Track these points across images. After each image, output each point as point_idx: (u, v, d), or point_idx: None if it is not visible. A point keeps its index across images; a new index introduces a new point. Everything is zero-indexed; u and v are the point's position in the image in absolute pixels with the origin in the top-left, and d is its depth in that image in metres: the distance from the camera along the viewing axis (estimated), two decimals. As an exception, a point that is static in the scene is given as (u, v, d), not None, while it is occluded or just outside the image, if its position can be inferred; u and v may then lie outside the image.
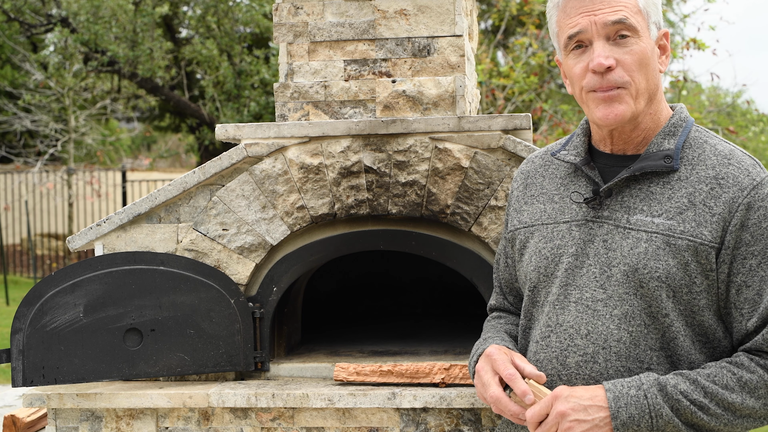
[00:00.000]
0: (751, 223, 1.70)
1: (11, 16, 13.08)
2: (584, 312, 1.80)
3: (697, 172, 1.76)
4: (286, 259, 3.22)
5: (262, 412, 3.04)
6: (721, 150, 1.78)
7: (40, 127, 14.19)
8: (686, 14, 14.88)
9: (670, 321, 1.74)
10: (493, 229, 3.10)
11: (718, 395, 1.67)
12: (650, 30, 1.81)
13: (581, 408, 1.67)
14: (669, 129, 1.82)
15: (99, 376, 3.08)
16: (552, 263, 1.87)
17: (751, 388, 1.68)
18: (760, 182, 1.73)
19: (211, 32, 12.75)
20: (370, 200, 3.17)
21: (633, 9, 1.79)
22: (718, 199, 1.71)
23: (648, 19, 1.80)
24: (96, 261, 3.11)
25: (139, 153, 24.54)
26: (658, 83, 1.83)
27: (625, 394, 1.67)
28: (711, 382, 1.68)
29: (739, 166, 1.75)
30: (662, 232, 1.73)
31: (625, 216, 1.78)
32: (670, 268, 1.72)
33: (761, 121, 12.92)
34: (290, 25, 3.42)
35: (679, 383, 1.68)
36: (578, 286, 1.82)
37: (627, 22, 1.76)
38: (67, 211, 14.46)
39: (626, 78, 1.77)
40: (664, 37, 1.85)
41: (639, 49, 1.77)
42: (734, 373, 1.69)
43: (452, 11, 3.34)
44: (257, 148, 3.19)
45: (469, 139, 3.11)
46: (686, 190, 1.74)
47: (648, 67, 1.78)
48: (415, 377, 3.01)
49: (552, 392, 1.72)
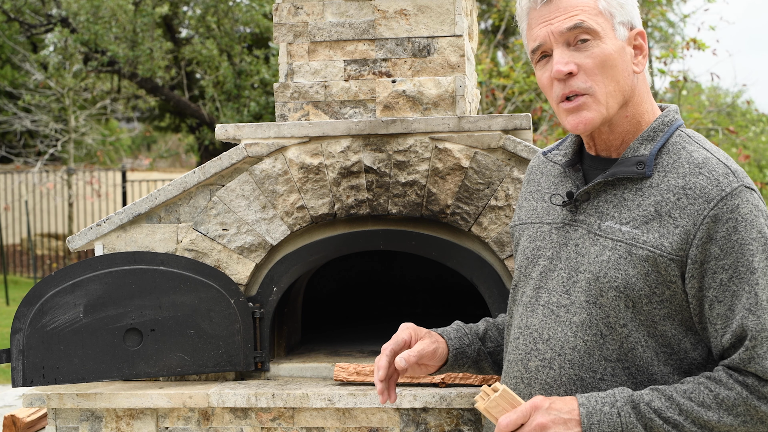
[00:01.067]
0: (720, 237, 1.63)
1: (11, 16, 13.08)
2: (549, 316, 1.79)
3: (668, 180, 1.70)
4: (286, 259, 3.22)
5: (262, 412, 3.04)
6: (696, 158, 1.70)
7: (40, 127, 14.19)
8: (686, 14, 14.89)
9: (628, 331, 1.70)
10: (493, 229, 3.10)
11: (694, 413, 1.62)
12: (616, 30, 1.74)
13: (561, 421, 1.65)
14: (648, 133, 1.76)
15: (99, 376, 3.08)
16: (531, 264, 1.86)
17: (728, 405, 1.62)
18: (729, 193, 1.64)
19: (211, 32, 12.75)
20: (370, 200, 3.17)
21: (592, 11, 1.74)
22: (683, 210, 1.65)
23: (612, 19, 1.74)
24: (96, 261, 3.11)
25: (139, 153, 24.54)
26: (632, 84, 1.76)
27: (598, 410, 1.65)
28: (687, 398, 1.64)
29: (709, 175, 1.67)
30: (626, 241, 1.70)
31: (597, 221, 1.76)
32: (630, 278, 1.68)
33: (761, 121, 12.92)
34: (290, 25, 3.42)
35: (653, 400, 1.64)
36: (548, 290, 1.81)
37: (584, 26, 1.71)
38: (67, 211, 14.46)
39: (588, 83, 1.72)
40: (640, 37, 1.78)
41: (599, 52, 1.72)
42: (711, 389, 1.64)
43: (452, 11, 3.34)
44: (257, 148, 3.19)
45: (469, 139, 3.11)
46: (654, 199, 1.69)
47: (614, 68, 1.73)
48: (414, 377, 3.01)
49: (531, 402, 1.68)
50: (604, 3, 1.75)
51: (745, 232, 1.63)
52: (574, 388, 1.74)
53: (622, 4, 1.76)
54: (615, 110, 1.75)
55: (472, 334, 2.06)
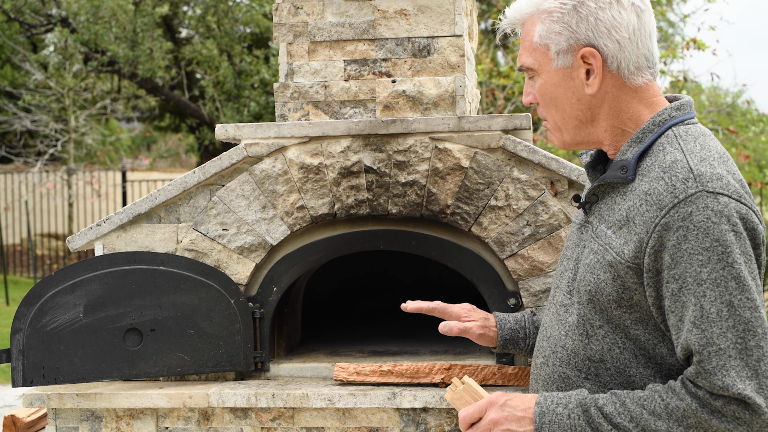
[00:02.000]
0: (670, 245, 1.59)
1: (11, 16, 13.08)
2: (554, 315, 1.85)
3: (642, 185, 1.68)
4: (286, 259, 3.22)
5: (262, 412, 3.04)
6: (665, 160, 1.67)
7: (40, 127, 14.19)
8: (686, 14, 14.89)
9: (604, 333, 1.72)
10: (493, 229, 3.10)
11: (643, 421, 1.61)
12: (553, 61, 1.75)
13: (515, 419, 1.69)
14: (638, 135, 1.75)
15: (99, 376, 3.08)
16: (560, 265, 1.92)
17: (678, 416, 1.60)
18: (683, 200, 1.59)
19: (211, 32, 12.75)
20: (370, 200, 3.17)
21: (529, 48, 1.79)
22: (641, 216, 1.64)
23: (548, 51, 1.75)
24: (96, 261, 3.11)
25: (139, 153, 24.53)
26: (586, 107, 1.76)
27: (551, 410, 1.67)
28: (640, 406, 1.63)
29: (668, 181, 1.62)
30: (604, 245, 1.71)
31: (597, 224, 1.78)
32: (600, 282, 1.69)
33: (761, 121, 12.92)
34: (290, 25, 3.42)
35: (606, 405, 1.64)
36: (560, 289, 1.86)
37: (525, 66, 1.81)
38: (67, 211, 14.46)
39: (543, 113, 1.84)
40: (591, 56, 1.73)
41: (539, 87, 1.80)
42: (663, 399, 1.62)
43: (452, 11, 3.34)
44: (257, 148, 3.19)
45: (469, 139, 3.11)
46: (628, 204, 1.69)
47: (555, 100, 1.77)
48: (415, 377, 3.01)
49: (488, 397, 1.72)
50: (538, 37, 1.77)
51: (696, 241, 1.57)
52: (563, 386, 1.78)
53: (561, 31, 1.74)
54: (574, 134, 1.80)
55: (531, 327, 2.19)
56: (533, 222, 3.08)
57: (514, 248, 3.09)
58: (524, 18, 1.80)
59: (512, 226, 3.09)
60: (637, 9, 1.74)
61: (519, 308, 3.13)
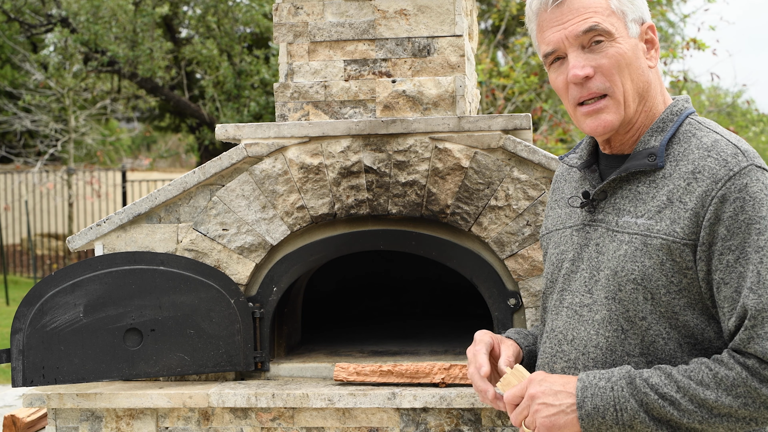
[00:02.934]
0: (726, 217, 1.61)
1: (11, 16, 13.08)
2: (572, 317, 1.80)
3: (679, 169, 1.69)
4: (286, 259, 3.22)
5: (262, 412, 3.04)
6: (705, 142, 1.70)
7: (40, 127, 14.19)
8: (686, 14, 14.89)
9: (647, 324, 1.70)
10: (493, 229, 3.10)
11: (691, 390, 1.61)
12: (629, 29, 1.75)
13: (552, 393, 1.68)
14: (658, 125, 1.76)
15: (99, 376, 3.08)
16: (556, 269, 1.87)
17: (727, 385, 1.60)
18: (738, 172, 1.62)
19: (211, 32, 12.75)
20: (370, 200, 3.17)
21: (605, 12, 1.74)
22: (692, 194, 1.65)
23: (625, 18, 1.75)
24: (96, 261, 3.10)
25: (139, 153, 24.53)
26: (647, 80, 1.77)
27: (593, 384, 1.66)
28: (686, 377, 1.62)
29: (717, 157, 1.65)
30: (641, 233, 1.70)
31: (615, 218, 1.76)
32: (646, 269, 1.68)
33: (761, 121, 12.93)
34: (290, 25, 3.42)
35: (651, 376, 1.64)
36: (571, 291, 1.82)
37: (599, 28, 1.72)
38: (67, 211, 14.46)
39: (607, 84, 1.74)
40: (650, 30, 1.78)
41: (615, 52, 1.73)
42: (711, 369, 1.62)
43: (452, 11, 3.34)
44: (257, 148, 3.19)
45: (469, 139, 3.11)
46: (667, 188, 1.69)
47: (631, 67, 1.74)
48: (415, 377, 3.01)
49: (530, 376, 1.73)
50: (616, 2, 1.74)
51: (753, 211, 1.61)
52: None
53: (633, 1, 1.76)
54: (633, 109, 1.76)
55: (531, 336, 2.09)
56: (533, 222, 3.08)
57: (514, 248, 3.09)
58: None
59: (512, 226, 3.09)
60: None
61: (519, 308, 3.13)
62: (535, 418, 1.68)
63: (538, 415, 1.67)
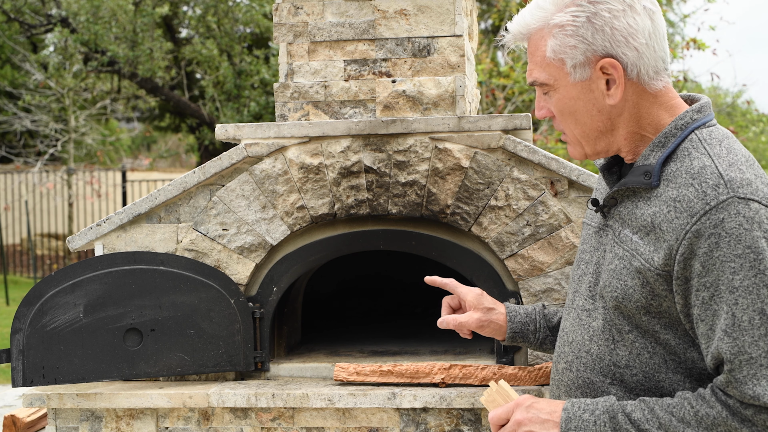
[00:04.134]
0: (702, 253, 1.56)
1: (11, 16, 13.08)
2: (575, 320, 1.82)
3: (668, 191, 1.65)
4: (286, 259, 3.22)
5: (262, 412, 3.04)
6: (693, 167, 1.63)
7: (40, 127, 14.19)
8: (686, 14, 14.89)
9: (633, 337, 1.70)
10: (493, 229, 3.10)
11: (672, 428, 1.59)
12: (570, 75, 1.71)
13: (539, 421, 1.69)
14: (660, 139, 1.71)
15: (99, 376, 3.08)
16: (577, 267, 1.89)
17: (707, 424, 1.58)
18: (714, 207, 1.56)
19: (211, 32, 12.75)
20: (370, 200, 3.17)
21: (541, 63, 1.74)
22: (670, 224, 1.61)
23: (563, 65, 1.71)
24: (96, 261, 3.11)
25: (139, 153, 24.53)
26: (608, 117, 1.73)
27: (578, 416, 1.66)
28: (668, 413, 1.61)
29: (698, 187, 1.59)
30: (630, 251, 1.69)
31: (619, 228, 1.75)
32: (627, 288, 1.67)
33: (761, 121, 12.93)
34: (290, 25, 3.42)
35: (634, 411, 1.63)
36: (580, 293, 1.83)
37: (539, 82, 1.76)
38: (67, 211, 14.46)
39: (561, 126, 1.80)
40: (611, 66, 1.68)
41: (556, 101, 1.76)
42: (692, 406, 1.60)
43: (452, 11, 3.34)
44: (257, 148, 3.19)
45: (469, 139, 3.11)
46: (654, 210, 1.66)
47: (574, 113, 1.74)
48: (415, 377, 3.01)
49: (516, 399, 1.74)
50: (551, 52, 1.72)
51: (728, 248, 1.55)
52: (588, 391, 1.76)
53: (576, 44, 1.69)
54: (595, 145, 1.78)
55: (542, 328, 2.13)
56: (533, 222, 3.08)
57: (514, 248, 3.09)
58: (531, 32, 1.75)
59: (512, 226, 3.09)
60: (650, 12, 1.70)
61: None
62: None
63: None
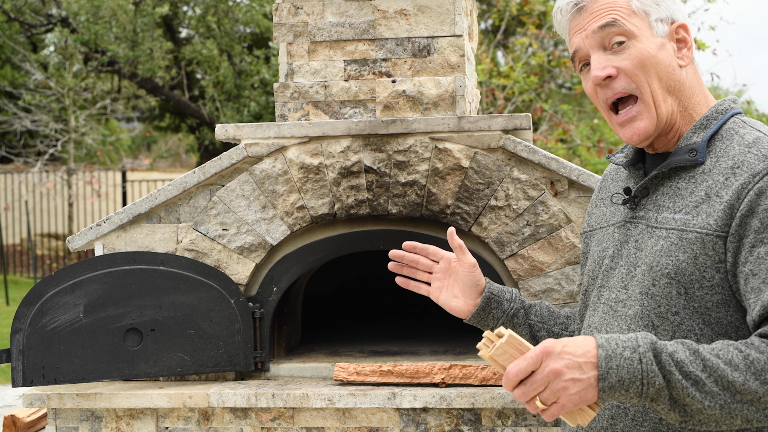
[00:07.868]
0: (761, 209, 1.59)
1: (11, 16, 13.08)
2: (607, 313, 1.79)
3: (719, 165, 1.69)
4: (286, 259, 3.22)
5: (262, 412, 3.04)
6: (747, 139, 1.70)
7: (40, 127, 14.19)
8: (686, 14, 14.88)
9: (680, 319, 1.68)
10: (493, 229, 3.10)
11: (719, 371, 1.52)
12: (653, 28, 1.75)
13: (576, 366, 1.52)
14: (701, 122, 1.77)
15: (99, 376, 3.08)
16: (598, 266, 1.88)
17: (757, 369, 1.51)
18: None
19: (211, 32, 12.75)
20: (370, 200, 3.17)
21: (625, 11, 1.75)
22: (729, 188, 1.64)
23: (647, 17, 1.76)
24: (96, 261, 3.11)
25: (139, 153, 24.53)
26: (678, 79, 1.77)
27: (618, 354, 1.54)
28: (714, 355, 1.54)
29: (757, 153, 1.65)
30: (678, 228, 1.69)
31: (654, 215, 1.76)
32: (680, 263, 1.66)
33: (761, 120, 12.92)
34: (290, 25, 3.42)
35: (677, 351, 1.54)
36: (608, 288, 1.81)
37: (617, 24, 1.73)
38: (67, 211, 14.46)
39: (632, 85, 1.74)
40: (682, 29, 1.78)
41: (636, 52, 1.73)
42: (741, 350, 1.54)
43: (452, 11, 3.34)
44: (257, 148, 3.19)
45: (469, 139, 3.11)
46: (706, 184, 1.69)
47: (656, 66, 1.74)
48: (415, 377, 3.01)
49: (541, 347, 1.53)
50: (638, 3, 1.75)
51: None
52: None
53: (658, 2, 1.77)
54: (665, 109, 1.76)
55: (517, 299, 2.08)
56: (533, 222, 3.08)
57: (514, 248, 3.09)
58: None
59: (512, 226, 3.09)
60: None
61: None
62: (560, 396, 1.52)
63: (566, 393, 1.52)
